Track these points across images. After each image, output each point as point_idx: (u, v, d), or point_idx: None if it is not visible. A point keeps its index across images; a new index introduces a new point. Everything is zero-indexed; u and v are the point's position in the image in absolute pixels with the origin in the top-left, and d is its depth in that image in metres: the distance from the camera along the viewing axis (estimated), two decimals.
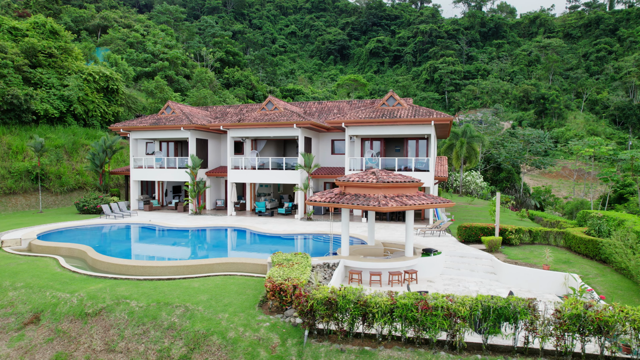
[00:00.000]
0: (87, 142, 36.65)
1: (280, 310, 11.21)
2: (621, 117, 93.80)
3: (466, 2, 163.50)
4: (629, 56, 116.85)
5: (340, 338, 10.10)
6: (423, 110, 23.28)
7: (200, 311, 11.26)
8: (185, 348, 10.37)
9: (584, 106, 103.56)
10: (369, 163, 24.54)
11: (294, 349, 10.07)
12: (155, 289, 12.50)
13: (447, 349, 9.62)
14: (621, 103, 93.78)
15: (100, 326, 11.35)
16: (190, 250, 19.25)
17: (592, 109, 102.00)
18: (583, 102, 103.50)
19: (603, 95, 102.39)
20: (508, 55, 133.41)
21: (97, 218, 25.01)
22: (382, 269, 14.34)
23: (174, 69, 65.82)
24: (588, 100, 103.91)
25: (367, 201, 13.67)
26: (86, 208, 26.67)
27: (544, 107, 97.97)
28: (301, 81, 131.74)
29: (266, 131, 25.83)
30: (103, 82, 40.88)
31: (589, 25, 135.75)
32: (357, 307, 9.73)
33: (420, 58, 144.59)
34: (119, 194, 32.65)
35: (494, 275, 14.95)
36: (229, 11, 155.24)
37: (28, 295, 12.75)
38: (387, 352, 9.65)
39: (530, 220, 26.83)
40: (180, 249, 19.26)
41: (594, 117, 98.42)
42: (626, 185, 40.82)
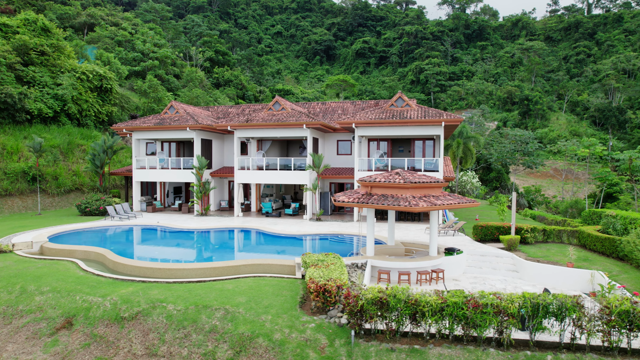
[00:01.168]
0: (82, 143, 35.87)
1: (322, 311, 11.23)
2: (601, 119, 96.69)
3: (450, 4, 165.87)
4: (606, 59, 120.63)
5: (389, 337, 10.18)
6: (432, 111, 23.59)
7: (242, 313, 11.18)
8: (231, 351, 10.28)
9: (566, 107, 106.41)
10: (378, 163, 24.72)
11: (343, 349, 10.11)
12: (189, 292, 12.35)
13: (494, 346, 9.81)
14: (601, 105, 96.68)
15: (138, 330, 11.15)
16: (207, 252, 19.04)
17: (574, 110, 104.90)
18: (565, 104, 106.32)
19: (583, 97, 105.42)
20: (492, 57, 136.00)
21: (102, 220, 24.51)
22: (410, 269, 14.50)
23: (163, 68, 64.90)
24: (569, 101, 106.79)
25: (397, 201, 13.80)
26: (88, 210, 26.09)
27: (527, 108, 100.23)
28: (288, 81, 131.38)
29: (274, 132, 25.74)
30: (97, 81, 40.04)
31: (568, 28, 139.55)
32: (408, 306, 9.83)
33: (406, 59, 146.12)
34: (120, 195, 32.02)
35: (517, 273, 15.28)
36: (214, 10, 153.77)
37: (56, 299, 12.43)
38: (437, 349, 9.79)
39: (532, 220, 27.48)
40: (196, 251, 19.04)
41: (576, 118, 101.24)
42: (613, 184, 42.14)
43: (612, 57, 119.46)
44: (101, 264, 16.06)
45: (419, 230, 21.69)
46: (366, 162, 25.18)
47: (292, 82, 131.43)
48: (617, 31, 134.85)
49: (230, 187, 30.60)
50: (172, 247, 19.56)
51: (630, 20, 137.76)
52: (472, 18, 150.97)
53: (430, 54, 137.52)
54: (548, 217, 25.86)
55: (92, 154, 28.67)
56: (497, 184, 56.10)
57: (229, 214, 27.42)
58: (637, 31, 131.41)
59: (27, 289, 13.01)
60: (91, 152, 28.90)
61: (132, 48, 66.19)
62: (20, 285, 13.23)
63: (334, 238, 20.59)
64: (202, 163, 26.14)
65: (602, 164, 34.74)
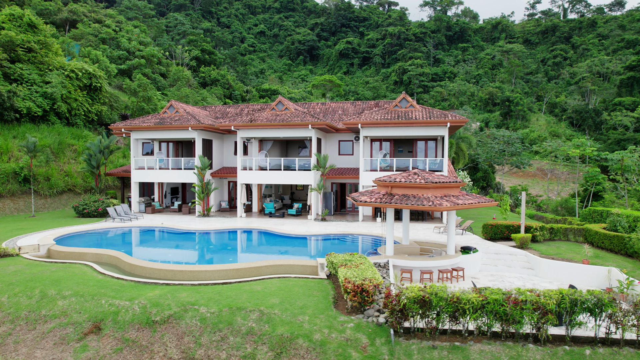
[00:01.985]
0: (73, 142, 34.92)
1: (358, 311, 11.28)
2: (578, 120, 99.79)
3: (432, 6, 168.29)
4: (582, 62, 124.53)
5: (428, 335, 10.33)
6: (437, 112, 23.95)
7: (278, 315, 11.13)
8: (272, 353, 10.24)
9: (545, 109, 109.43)
10: (382, 164, 24.94)
11: (384, 348, 10.19)
12: (219, 294, 12.22)
13: (532, 341, 10.08)
14: (578, 106, 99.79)
15: (172, 334, 10.98)
16: (221, 253, 18.83)
17: (552, 111, 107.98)
18: (544, 105, 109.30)
19: (561, 99, 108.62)
20: (473, 59, 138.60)
21: (102, 222, 23.95)
22: (432, 267, 14.71)
23: (150, 67, 63.73)
24: (548, 103, 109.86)
25: (420, 201, 13.98)
26: (87, 211, 25.44)
27: (509, 109, 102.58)
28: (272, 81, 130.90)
29: (278, 132, 25.64)
30: (86, 79, 39.03)
31: (546, 32, 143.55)
32: (450, 304, 9.99)
33: (389, 60, 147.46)
34: (116, 196, 31.29)
35: (532, 270, 15.68)
36: (196, 9, 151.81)
37: (81, 303, 12.11)
38: (477, 346, 9.98)
39: (530, 219, 28.22)
40: (210, 253, 18.81)
41: (554, 119, 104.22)
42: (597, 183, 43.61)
43: (587, 60, 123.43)
44: (115, 266, 15.71)
45: (426, 230, 21.99)
46: (370, 162, 25.36)
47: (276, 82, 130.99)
48: (591, 35, 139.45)
49: (229, 187, 30.31)
50: (184, 249, 19.28)
51: (603, 26, 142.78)
52: (453, 20, 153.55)
53: (413, 55, 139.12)
54: (547, 216, 26.63)
55: (88, 154, 27.94)
56: (484, 183, 57.26)
57: (230, 214, 27.16)
58: (610, 36, 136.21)
59: (47, 293, 12.62)
60: (87, 152, 28.15)
61: (117, 46, 64.71)
62: (39, 289, 12.82)
63: (345, 238, 20.69)
64: (205, 163, 25.82)
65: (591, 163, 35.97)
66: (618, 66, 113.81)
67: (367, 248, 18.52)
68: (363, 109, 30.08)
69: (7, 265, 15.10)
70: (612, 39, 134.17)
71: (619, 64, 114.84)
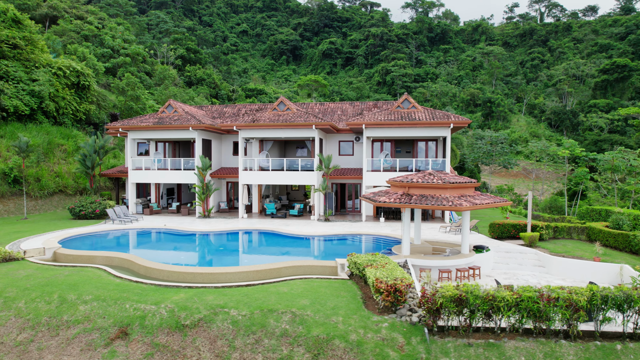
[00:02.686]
0: (62, 142, 33.93)
1: (389, 310, 11.36)
2: (557, 121, 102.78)
3: (413, 8, 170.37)
4: (559, 65, 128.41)
5: (462, 333, 10.49)
6: (439, 113, 24.30)
7: (310, 316, 11.11)
8: (309, 354, 10.22)
9: (525, 110, 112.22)
10: (385, 164, 25.14)
11: (421, 346, 10.31)
12: (247, 296, 12.11)
13: (562, 337, 10.36)
14: (556, 108, 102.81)
15: (204, 338, 10.82)
16: (232, 254, 18.64)
17: (532, 112, 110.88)
18: (524, 106, 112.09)
19: (540, 101, 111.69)
20: (454, 60, 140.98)
21: (102, 224, 23.37)
22: (450, 266, 14.93)
23: (135, 66, 62.47)
24: (527, 104, 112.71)
25: (440, 202, 14.18)
26: (83, 213, 24.75)
27: (490, 110, 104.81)
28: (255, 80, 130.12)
29: (280, 132, 25.52)
30: (74, 77, 37.99)
31: (524, 35, 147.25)
32: (485, 302, 10.18)
33: (372, 60, 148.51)
34: (111, 197, 30.53)
35: (543, 268, 16.10)
36: (177, 7, 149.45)
37: (104, 308, 11.80)
38: (512, 343, 10.20)
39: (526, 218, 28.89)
40: (221, 254, 18.59)
41: (534, 120, 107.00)
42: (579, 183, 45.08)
43: (564, 63, 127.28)
44: (127, 269, 15.37)
45: (431, 229, 22.28)
46: (372, 162, 25.51)
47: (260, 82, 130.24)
48: (566, 39, 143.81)
49: (228, 188, 30.01)
50: (194, 251, 19.01)
51: (578, 30, 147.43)
52: (434, 22, 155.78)
53: (395, 56, 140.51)
54: (544, 215, 27.36)
55: (83, 154, 27.18)
56: None
57: (231, 215, 26.88)
58: (584, 40, 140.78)
59: (67, 298, 12.25)
60: (81, 152, 27.40)
61: (100, 43, 63.20)
62: (57, 294, 12.43)
63: (353, 238, 20.78)
64: (206, 164, 25.50)
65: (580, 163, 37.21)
66: (592, 69, 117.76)
67: (378, 248, 18.63)
68: (362, 110, 30.25)
69: (16, 269, 14.58)
70: (587, 43, 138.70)
71: (594, 67, 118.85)
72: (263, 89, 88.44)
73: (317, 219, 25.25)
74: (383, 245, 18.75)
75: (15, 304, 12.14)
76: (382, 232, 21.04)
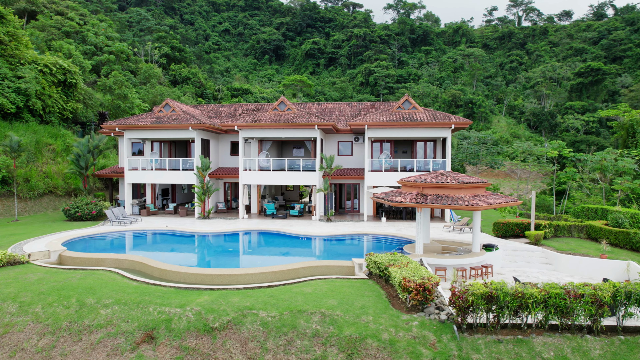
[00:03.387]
0: (51, 142, 32.95)
1: (417, 309, 11.49)
2: (535, 122, 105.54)
3: (395, 9, 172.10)
4: (536, 68, 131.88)
5: (491, 329, 10.72)
6: (440, 114, 24.67)
7: (340, 316, 11.15)
8: (343, 354, 10.25)
9: (505, 111, 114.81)
10: (387, 164, 25.35)
11: (452, 344, 10.47)
12: (272, 297, 12.05)
13: (586, 332, 10.71)
14: (535, 109, 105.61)
15: (234, 340, 10.71)
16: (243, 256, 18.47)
17: (512, 113, 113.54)
18: (504, 108, 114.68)
19: (519, 102, 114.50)
20: (436, 62, 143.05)
21: (99, 225, 22.80)
22: (465, 265, 15.20)
23: (119, 64, 61.08)
24: (508, 106, 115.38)
25: (456, 201, 14.42)
26: (79, 214, 24.09)
27: (472, 111, 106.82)
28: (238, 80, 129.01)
29: (281, 132, 25.42)
30: (60, 75, 36.94)
31: (503, 38, 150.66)
32: (515, 299, 10.42)
33: (354, 61, 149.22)
34: (105, 198, 29.77)
35: (551, 265, 16.56)
36: (158, 4, 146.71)
37: (126, 312, 11.54)
38: (540, 338, 10.48)
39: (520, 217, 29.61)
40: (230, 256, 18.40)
41: (514, 121, 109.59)
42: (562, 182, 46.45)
43: (541, 66, 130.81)
44: (139, 272, 15.05)
45: (435, 228, 22.59)
46: (372, 162, 25.70)
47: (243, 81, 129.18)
48: (543, 43, 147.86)
49: (225, 188, 29.70)
50: (203, 253, 18.74)
51: (554, 34, 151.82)
52: (416, 23, 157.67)
53: (378, 56, 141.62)
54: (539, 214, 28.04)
55: (77, 154, 26.44)
56: None
57: (229, 216, 26.60)
58: (560, 44, 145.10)
59: (86, 302, 11.93)
60: (74, 152, 26.64)
61: (82, 40, 61.54)
62: (75, 298, 12.09)
63: (360, 238, 20.90)
64: (206, 164, 25.18)
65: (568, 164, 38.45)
66: (568, 72, 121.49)
67: (387, 248, 18.78)
68: (360, 110, 30.41)
69: (24, 273, 14.09)
70: (562, 46, 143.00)
71: (569, 70, 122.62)
72: (248, 89, 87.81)
73: (318, 219, 25.26)
74: (392, 245, 18.91)
75: (32, 309, 11.75)
76: (387, 232, 21.22)
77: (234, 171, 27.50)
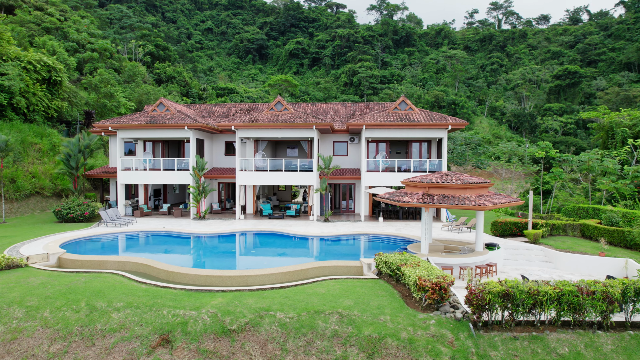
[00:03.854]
0: (36, 141, 32.01)
1: (432, 308, 11.63)
2: (516, 123, 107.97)
3: (378, 10, 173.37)
4: (516, 70, 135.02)
5: (506, 326, 10.93)
6: (436, 115, 24.99)
7: (358, 316, 11.19)
8: (363, 354, 10.31)
9: (487, 112, 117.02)
10: (384, 164, 25.53)
11: (469, 341, 10.65)
12: (287, 298, 12.01)
13: (596, 328, 11.04)
14: (515, 110, 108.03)
15: (253, 342, 10.63)
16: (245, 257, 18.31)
17: (493, 114, 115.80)
18: (486, 109, 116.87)
19: (500, 103, 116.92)
20: (419, 63, 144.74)
21: (94, 227, 22.26)
22: (470, 264, 15.45)
23: (102, 62, 59.74)
24: (489, 107, 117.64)
25: (462, 201, 14.65)
26: (71, 216, 23.46)
27: (454, 112, 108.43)
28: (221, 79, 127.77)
29: (279, 132, 25.30)
30: (45, 72, 35.91)
31: (484, 40, 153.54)
32: (530, 297, 10.66)
33: (338, 61, 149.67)
34: (96, 198, 29.05)
35: (550, 263, 16.99)
36: (139, 1, 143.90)
37: (139, 315, 11.31)
38: (554, 335, 10.76)
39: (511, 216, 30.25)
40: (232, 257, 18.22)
41: (495, 122, 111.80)
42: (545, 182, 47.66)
43: (520, 68, 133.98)
44: (143, 274, 14.76)
45: (433, 228, 22.85)
46: (368, 163, 25.84)
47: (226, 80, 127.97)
48: (522, 45, 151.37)
49: (219, 188, 29.39)
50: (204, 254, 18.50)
51: (532, 37, 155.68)
52: (399, 25, 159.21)
53: (362, 57, 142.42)
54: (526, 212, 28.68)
55: (67, 154, 25.74)
56: None
57: (224, 216, 26.31)
58: (538, 47, 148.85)
59: (96, 306, 11.64)
60: (65, 151, 25.94)
61: (63, 37, 59.92)
62: (84, 302, 11.78)
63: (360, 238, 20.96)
64: (202, 164, 24.87)
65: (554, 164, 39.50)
66: (547, 75, 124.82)
67: (389, 247, 18.90)
68: (354, 111, 30.53)
69: (26, 277, 13.66)
70: (540, 49, 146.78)
71: (547, 72, 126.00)
72: (234, 88, 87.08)
73: (316, 220, 25.26)
74: (394, 245, 19.06)
75: (39, 314, 11.40)
76: (387, 232, 21.39)
77: (229, 171, 27.25)
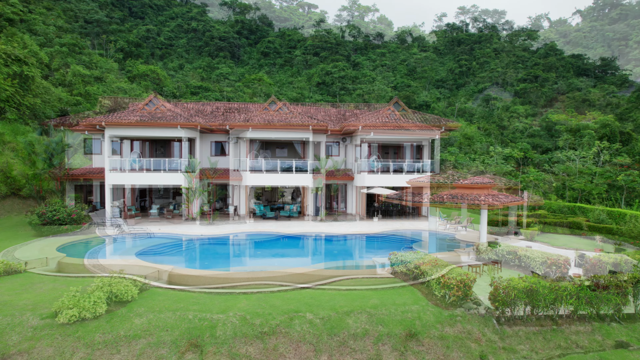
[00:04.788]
0: (10, 140, 30.37)
1: (455, 305, 11.90)
2: (484, 125, 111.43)
3: (350, 11, 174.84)
4: (483, 73, 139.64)
5: (528, 321, 11.36)
6: (430, 117, 25.53)
7: (386, 314, 11.33)
8: (396, 352, 10.45)
9: (456, 114, 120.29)
10: (378, 165, 25.84)
11: (494, 336, 11.01)
12: (313, 299, 12.00)
13: (609, 320, 11.66)
14: (484, 113, 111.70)
15: (286, 344, 10.55)
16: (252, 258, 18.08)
17: (462, 116, 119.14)
18: (455, 110, 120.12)
19: (469, 106, 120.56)
20: (389, 64, 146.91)
21: (84, 229, 21.37)
22: (478, 261, 15.90)
23: (71, 57, 57.28)
24: (458, 109, 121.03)
25: (473, 200, 15.09)
26: (57, 218, 22.32)
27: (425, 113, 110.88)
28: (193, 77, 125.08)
29: (275, 133, 25.08)
30: (16, 67, 34.09)
31: (452, 43, 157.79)
32: (552, 292, 11.13)
33: (311, 61, 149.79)
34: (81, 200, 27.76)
35: None
36: None
37: (162, 320, 10.98)
38: (572, 328, 11.28)
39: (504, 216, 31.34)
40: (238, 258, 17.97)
41: (465, 123, 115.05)
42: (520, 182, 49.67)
43: (487, 71, 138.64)
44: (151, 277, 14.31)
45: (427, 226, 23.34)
46: (362, 163, 26.07)
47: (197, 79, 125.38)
48: (488, 49, 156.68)
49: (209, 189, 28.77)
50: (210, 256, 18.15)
51: (497, 42, 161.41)
52: (370, 26, 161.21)
53: (334, 57, 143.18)
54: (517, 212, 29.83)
55: (49, 153, 24.54)
56: None
57: (217, 218, 25.84)
58: (504, 51, 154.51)
59: (115, 312, 11.21)
60: (47, 151, 24.72)
61: (28, 29, 57.00)
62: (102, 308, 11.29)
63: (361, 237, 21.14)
64: (195, 164, 24.35)
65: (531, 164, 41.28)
66: (512, 78, 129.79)
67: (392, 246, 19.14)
68: (345, 112, 30.72)
69: (29, 283, 12.97)
70: (505, 54, 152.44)
71: (513, 76, 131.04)
72: (208, 87, 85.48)
73: (311, 220, 25.25)
74: (396, 243, 19.33)
75: (55, 321, 10.84)
76: (387, 231, 21.66)
77: (220, 172, 26.78)
